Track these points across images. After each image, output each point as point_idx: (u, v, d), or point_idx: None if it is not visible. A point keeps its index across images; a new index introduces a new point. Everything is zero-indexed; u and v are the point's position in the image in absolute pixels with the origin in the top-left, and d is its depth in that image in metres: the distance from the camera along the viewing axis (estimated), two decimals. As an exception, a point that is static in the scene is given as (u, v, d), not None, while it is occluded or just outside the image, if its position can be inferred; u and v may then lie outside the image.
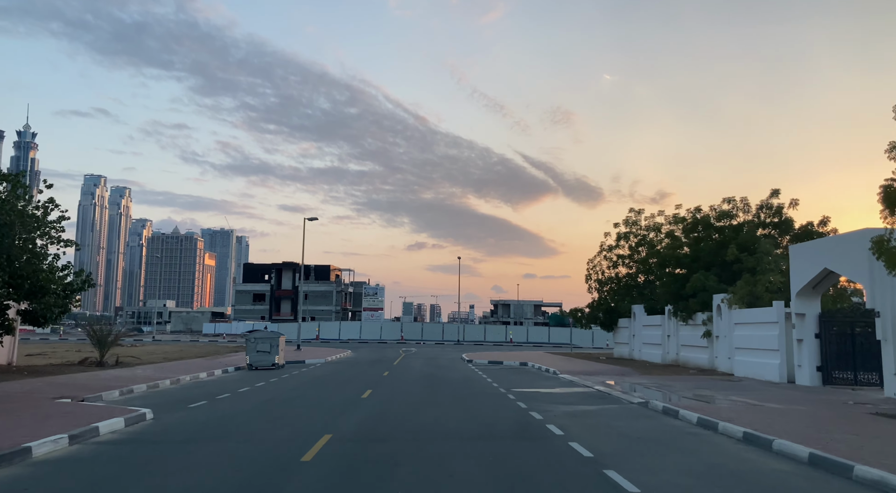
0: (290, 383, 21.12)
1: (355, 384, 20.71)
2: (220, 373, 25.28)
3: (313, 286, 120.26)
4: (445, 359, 37.83)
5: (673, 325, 32.27)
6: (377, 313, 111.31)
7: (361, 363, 32.84)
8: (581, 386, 20.64)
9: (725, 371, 26.37)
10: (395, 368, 29.36)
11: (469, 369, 28.66)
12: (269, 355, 28.24)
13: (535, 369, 29.53)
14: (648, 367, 29.99)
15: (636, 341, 37.91)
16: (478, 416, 13.33)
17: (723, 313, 26.86)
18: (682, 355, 31.33)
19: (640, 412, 14.31)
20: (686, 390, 19.07)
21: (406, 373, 26.08)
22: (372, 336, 71.42)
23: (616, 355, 41.15)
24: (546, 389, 19.70)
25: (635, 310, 37.97)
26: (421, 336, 71.04)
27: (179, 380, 21.31)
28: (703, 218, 31.31)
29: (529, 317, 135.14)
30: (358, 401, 15.94)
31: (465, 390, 18.90)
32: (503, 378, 23.71)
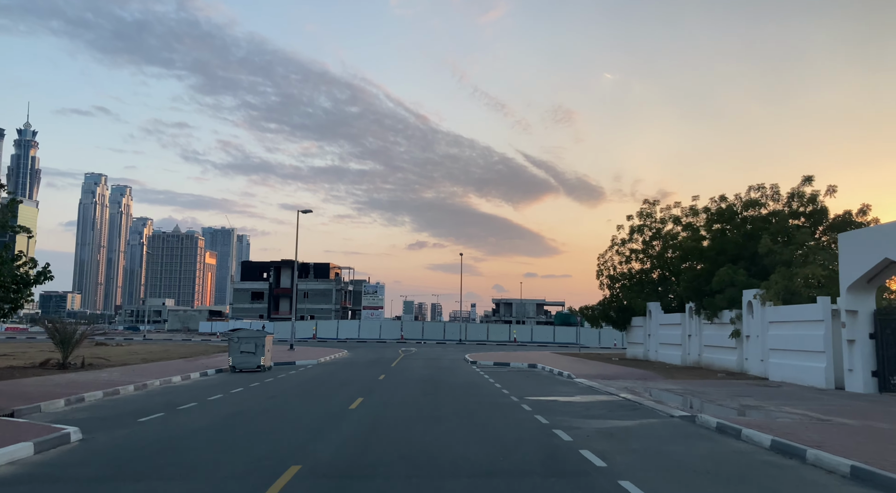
0: (271, 390, 18.46)
1: (345, 391, 18.06)
2: (197, 376, 22.66)
3: (312, 285, 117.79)
4: (447, 360, 35.18)
5: (695, 324, 29.58)
6: (377, 311, 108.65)
7: (357, 365, 30.20)
8: (604, 393, 17.97)
9: (758, 375, 23.70)
10: (393, 370, 26.72)
11: (473, 372, 25.99)
12: (254, 356, 25.60)
13: (545, 371, 26.85)
14: (669, 369, 27.32)
15: (652, 341, 35.21)
16: (490, 436, 10.67)
17: (755, 311, 24.16)
18: (705, 357, 28.64)
19: (690, 429, 11.64)
20: (724, 398, 16.41)
21: (404, 377, 23.43)
22: (371, 335, 68.79)
23: (629, 355, 38.47)
24: (564, 397, 17.03)
25: (651, 308, 35.28)
26: (422, 336, 68.42)
27: (146, 385, 18.68)
28: (728, 208, 28.56)
29: (532, 316, 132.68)
30: (344, 414, 13.28)
31: (471, 399, 16.23)
32: (513, 383, 21.04)
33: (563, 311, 77.19)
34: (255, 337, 25.86)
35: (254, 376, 22.96)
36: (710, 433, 11.19)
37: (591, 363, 31.18)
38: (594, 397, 17.13)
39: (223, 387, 18.99)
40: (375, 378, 22.50)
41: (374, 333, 69.07)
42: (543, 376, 24.39)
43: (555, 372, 25.67)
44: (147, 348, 41.62)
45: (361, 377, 22.97)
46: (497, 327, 69.87)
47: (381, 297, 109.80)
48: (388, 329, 69.39)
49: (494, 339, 67.40)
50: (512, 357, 36.20)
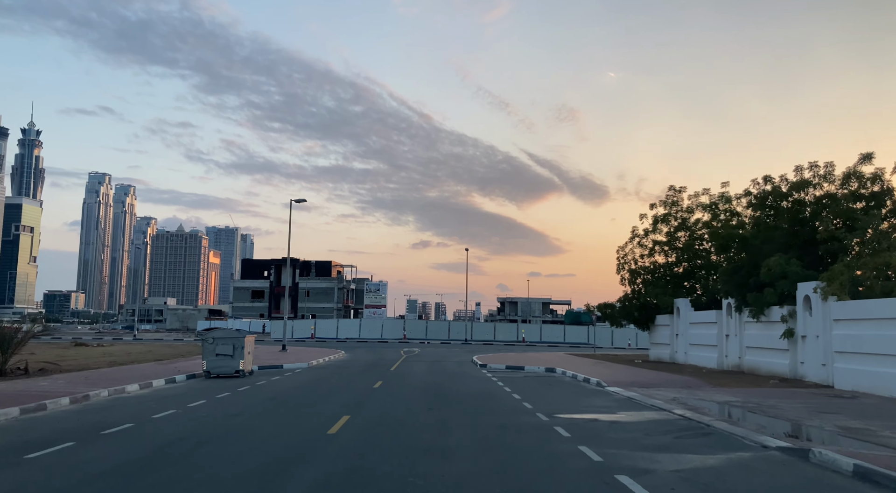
0: (240, 403, 14.94)
1: (331, 405, 14.53)
2: (161, 384, 19.16)
3: (314, 283, 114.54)
4: (453, 362, 31.63)
5: (734, 322, 25.97)
6: (380, 310, 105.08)
7: (352, 368, 26.67)
8: (650, 408, 14.38)
9: (818, 382, 20.10)
10: (392, 376, 23.17)
11: (484, 379, 22.42)
12: (232, 359, 22.08)
13: (568, 377, 23.24)
14: (707, 374, 23.72)
15: (680, 341, 31.58)
16: (525, 487, 7.12)
17: (814, 307, 20.54)
18: (747, 360, 25.02)
19: (812, 474, 8.04)
20: (806, 414, 12.86)
21: (404, 385, 19.87)
22: (372, 335, 65.25)
23: (653, 357, 34.84)
24: (605, 414, 13.44)
25: (679, 305, 31.66)
26: (425, 335, 64.86)
27: (88, 397, 15.18)
28: (774, 190, 24.89)
29: (538, 315, 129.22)
30: (319, 442, 9.76)
31: (487, 418, 12.67)
32: (534, 394, 17.47)
33: (574, 309, 73.35)
34: (232, 338, 22.33)
35: (228, 384, 19.46)
36: (848, 481, 7.60)
37: (615, 367, 27.58)
38: (642, 414, 13.53)
39: (184, 399, 15.48)
40: (370, 387, 18.95)
41: (376, 332, 65.53)
42: (567, 384, 20.79)
43: (579, 378, 22.08)
44: (128, 349, 38.20)
45: (354, 385, 19.43)
46: (504, 327, 66.29)
47: (384, 295, 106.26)
48: (390, 329, 65.85)
49: (502, 339, 63.83)
50: (525, 359, 32.62)
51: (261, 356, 31.66)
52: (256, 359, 29.31)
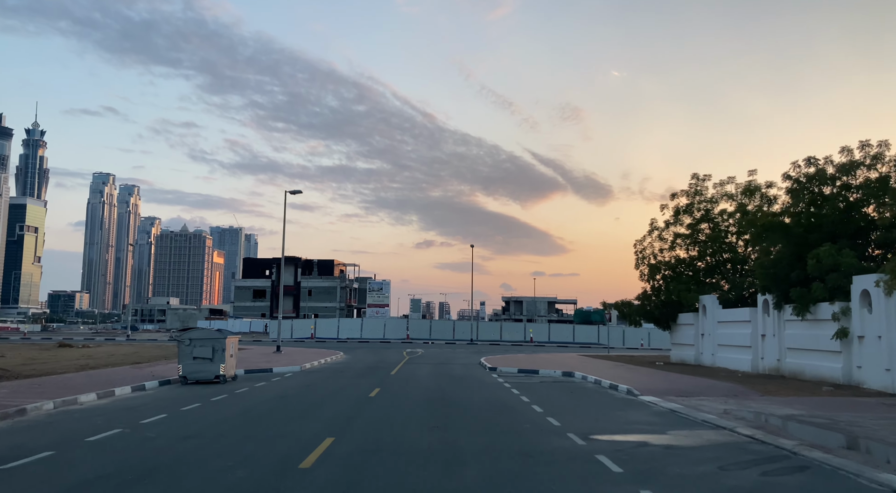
0: (204, 419, 12.31)
1: (314, 421, 11.91)
2: (125, 392, 16.59)
3: (316, 282, 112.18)
4: (459, 365, 28.98)
5: (772, 321, 23.25)
6: (383, 309, 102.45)
7: (349, 372, 24.05)
8: (704, 425, 11.68)
9: (881, 389, 17.42)
10: (392, 381, 20.53)
11: (496, 385, 19.76)
12: (212, 363, 19.48)
13: (591, 383, 20.52)
14: (744, 379, 21.03)
15: (707, 341, 28.85)
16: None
17: (874, 303, 17.83)
18: (788, 363, 22.30)
19: None
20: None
21: (405, 393, 17.22)
22: (374, 335, 62.62)
23: (675, 358, 32.11)
24: (651, 433, 10.75)
25: (706, 302, 28.95)
26: (429, 335, 62.20)
27: (25, 411, 12.61)
28: (818, 172, 22.13)
29: (543, 314, 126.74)
30: (286, 482, 7.12)
31: (507, 441, 10.01)
32: (557, 404, 14.80)
33: (583, 308, 70.23)
34: (211, 339, 19.72)
35: (203, 392, 16.86)
36: None
37: (639, 371, 24.90)
38: (697, 433, 10.83)
39: (140, 413, 12.88)
40: (365, 395, 16.30)
41: (378, 332, 62.90)
42: (591, 391, 18.10)
43: (603, 384, 19.39)
44: (113, 351, 35.67)
45: (347, 393, 16.79)
46: (511, 326, 63.58)
47: (387, 294, 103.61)
48: (392, 328, 63.20)
49: (508, 339, 61.14)
50: (537, 362, 29.96)
51: (251, 359, 29.08)
52: (246, 362, 26.74)
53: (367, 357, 34.27)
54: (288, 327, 64.25)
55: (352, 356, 34.95)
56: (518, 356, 35.53)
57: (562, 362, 30.35)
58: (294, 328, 63.72)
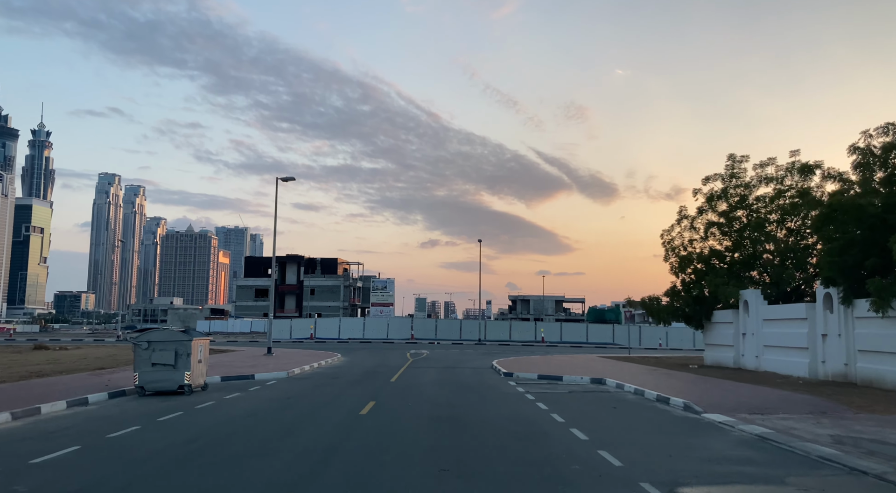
0: (130, 454, 8.89)
1: (277, 458, 8.47)
2: (58, 409, 13.25)
3: (319, 281, 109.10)
4: (469, 369, 25.55)
5: (837, 318, 19.71)
6: (387, 308, 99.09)
7: (343, 379, 20.64)
8: (841, 468, 8.14)
9: None
10: (391, 391, 17.10)
11: (516, 396, 16.29)
12: (174, 370, 16.11)
13: (630, 394, 16.97)
14: (807, 387, 17.52)
15: (750, 342, 25.30)
16: None
17: None
18: (862, 368, 18.74)
19: None
20: None
21: (405, 408, 13.77)
22: (377, 335, 59.22)
23: (709, 361, 28.58)
24: (771, 486, 7.27)
25: (748, 298, 25.41)
26: (435, 335, 58.77)
27: None
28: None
29: (551, 313, 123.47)
30: None
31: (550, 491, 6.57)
32: (603, 427, 11.32)
33: (596, 306, 66.34)
34: (174, 342, 16.32)
35: (154, 408, 13.48)
36: None
37: (678, 377, 21.41)
38: (835, 483, 7.33)
39: (45, 443, 9.52)
40: (355, 413, 12.87)
41: (381, 332, 59.48)
42: (636, 406, 14.58)
43: (648, 396, 15.88)
44: (88, 353, 32.40)
45: (333, 411, 13.35)
46: (521, 325, 60.03)
47: (391, 293, 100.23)
48: (396, 328, 59.78)
49: (518, 339, 57.65)
50: (556, 366, 26.50)
51: (234, 363, 25.72)
52: (226, 367, 23.39)
53: (366, 360, 30.86)
54: (287, 327, 61.01)
55: (350, 359, 31.55)
56: (533, 359, 32.07)
57: (584, 365, 26.88)
58: (294, 328, 60.41)
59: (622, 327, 56.24)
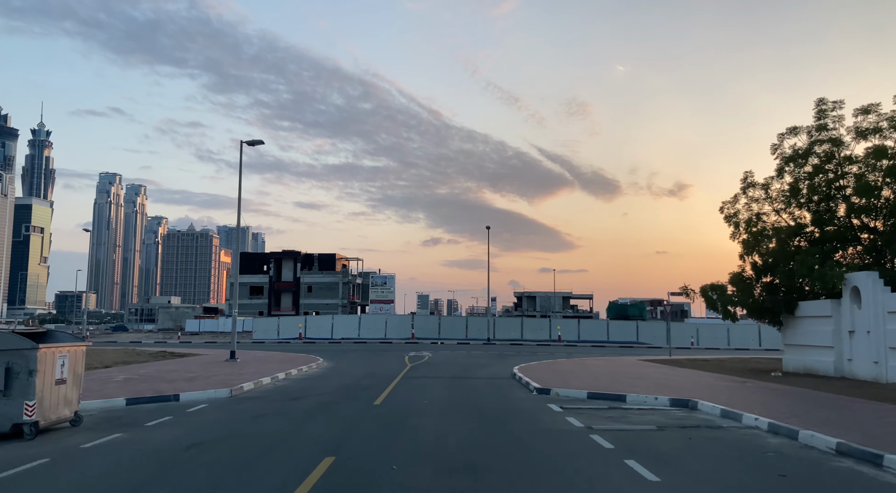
0: None
1: None
2: None
3: (317, 277, 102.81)
4: (484, 380, 18.95)
5: None
6: (387, 306, 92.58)
7: (306, 401, 14.05)
8: None
9: None
10: (369, 428, 10.46)
11: (581, 441, 9.67)
12: (3, 400, 9.56)
13: (772, 436, 10.22)
14: None
15: (865, 342, 18.63)
16: None
17: None
18: None
19: None
20: None
21: (385, 472, 7.09)
22: (374, 334, 52.67)
23: (793, 366, 21.90)
24: None
25: (859, 283, 18.77)
26: (438, 334, 52.20)
27: None
28: None
29: (558, 311, 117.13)
30: None
31: None
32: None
33: (618, 301, 59.14)
34: (5, 353, 9.75)
35: None
36: None
37: (796, 395, 14.80)
38: None
39: None
40: (300, 475, 6.25)
41: (379, 331, 52.93)
42: (802, 463, 7.94)
43: (802, 439, 9.24)
44: None
45: (265, 469, 6.70)
46: (533, 323, 53.33)
47: (392, 289, 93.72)
48: (395, 326, 53.22)
49: (531, 338, 51.05)
50: (601, 376, 19.85)
51: (170, 375, 19.08)
52: (154, 382, 16.82)
53: (353, 366, 24.29)
54: (275, 325, 54.46)
55: (334, 365, 24.99)
56: (560, 363, 25.46)
57: (634, 373, 20.28)
58: (282, 327, 53.84)
59: (647, 325, 49.65)
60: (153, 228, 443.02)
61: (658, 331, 49.64)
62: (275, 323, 54.70)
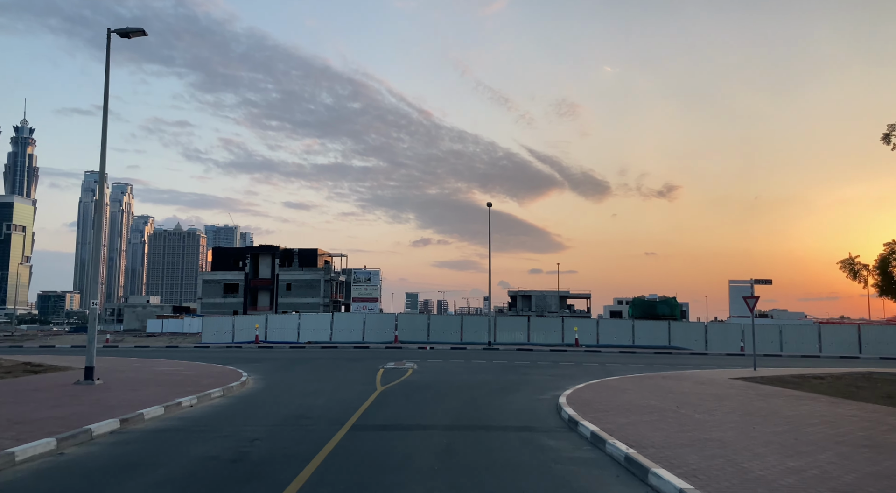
0: None
1: None
2: None
3: (296, 274, 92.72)
4: (519, 439, 9.19)
5: None
6: (371, 304, 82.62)
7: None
8: None
9: None
10: None
11: None
12: None
13: None
14: None
15: None
16: None
17: None
18: None
19: None
20: None
21: None
22: (349, 336, 42.72)
23: None
24: None
25: None
26: (427, 336, 42.39)
27: None
28: None
29: (554, 310, 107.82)
30: None
31: None
32: None
33: (644, 297, 48.97)
34: None
35: None
36: None
37: None
38: None
39: None
40: None
41: (355, 332, 43.00)
42: None
43: None
44: None
45: None
46: (544, 323, 43.22)
47: (377, 286, 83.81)
48: (375, 327, 43.30)
49: (541, 341, 41.28)
50: (705, 421, 10.02)
51: None
52: None
53: (290, 392, 14.38)
54: (228, 326, 44.35)
55: (263, 386, 15.11)
56: (611, 384, 15.64)
57: (750, 408, 10.55)
58: (237, 328, 43.73)
59: (683, 325, 40.17)
60: (139, 228, 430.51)
61: (692, 333, 40.00)
62: (229, 323, 44.58)
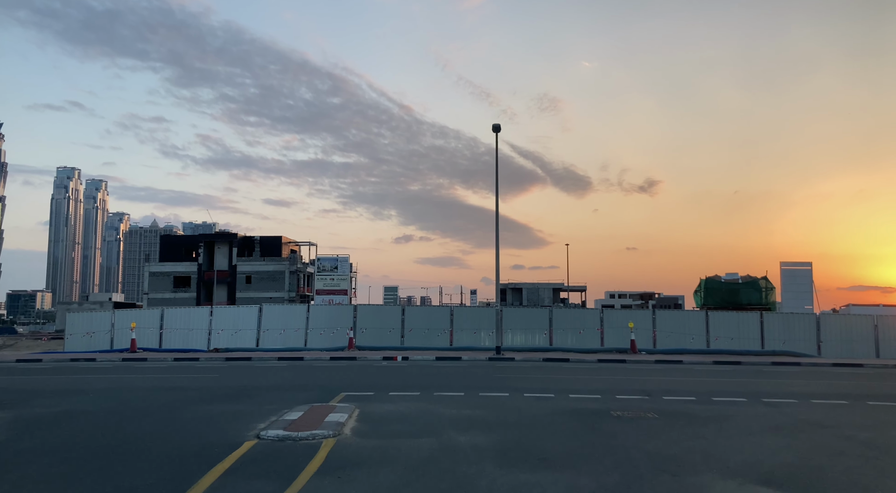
0: None
1: None
2: None
3: (257, 265, 76.67)
4: None
5: None
6: (339, 298, 67.31)
7: None
8: None
9: None
10: None
11: None
12: None
13: None
14: None
15: None
16: None
17: None
18: None
19: None
20: None
21: None
22: (285, 341, 27.78)
23: None
24: None
25: None
26: (401, 339, 27.62)
27: None
28: None
29: (547, 304, 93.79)
30: None
31: None
32: None
33: (717, 277, 34.59)
34: None
35: None
36: None
37: None
38: None
39: None
40: None
41: (295, 334, 28.01)
42: None
43: None
44: None
45: None
46: (570, 316, 28.05)
47: (345, 275, 68.44)
48: (324, 325, 28.19)
49: (569, 345, 26.81)
50: None
51: None
52: None
53: None
54: (105, 325, 28.95)
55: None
56: None
57: None
58: (117, 326, 28.38)
59: (781, 318, 25.63)
60: (115, 225, 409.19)
61: (797, 330, 25.55)
62: (105, 320, 29.25)
